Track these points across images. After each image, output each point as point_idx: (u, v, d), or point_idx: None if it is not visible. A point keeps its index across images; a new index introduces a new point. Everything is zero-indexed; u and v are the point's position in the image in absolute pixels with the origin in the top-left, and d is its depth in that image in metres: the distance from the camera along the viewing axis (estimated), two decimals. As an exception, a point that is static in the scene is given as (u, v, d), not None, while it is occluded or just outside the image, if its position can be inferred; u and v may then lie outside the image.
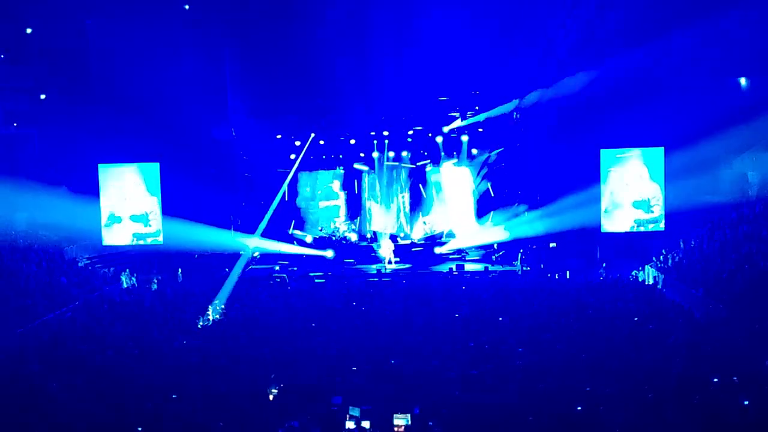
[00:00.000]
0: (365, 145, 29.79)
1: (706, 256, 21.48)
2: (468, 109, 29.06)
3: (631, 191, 25.28)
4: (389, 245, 27.46)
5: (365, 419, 11.15)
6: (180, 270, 25.45)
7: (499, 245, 27.74)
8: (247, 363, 14.04)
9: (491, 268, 26.14)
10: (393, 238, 28.42)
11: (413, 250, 28.44)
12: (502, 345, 14.90)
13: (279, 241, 28.38)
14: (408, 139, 29.71)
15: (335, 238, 29.21)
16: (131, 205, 25.81)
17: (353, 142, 29.74)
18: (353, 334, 16.30)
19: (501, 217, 28.71)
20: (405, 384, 12.77)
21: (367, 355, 14.53)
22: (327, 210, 30.43)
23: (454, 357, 14.29)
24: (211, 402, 11.88)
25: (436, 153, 29.62)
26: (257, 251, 28.09)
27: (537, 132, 28.05)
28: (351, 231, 29.63)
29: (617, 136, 25.81)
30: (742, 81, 25.94)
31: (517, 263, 25.99)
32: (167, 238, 25.88)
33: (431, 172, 29.95)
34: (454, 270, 25.62)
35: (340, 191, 30.33)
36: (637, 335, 15.39)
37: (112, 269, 24.42)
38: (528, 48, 26.67)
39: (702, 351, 13.87)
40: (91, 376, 13.24)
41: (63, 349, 15.11)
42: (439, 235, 29.13)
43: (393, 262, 27.19)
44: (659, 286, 21.83)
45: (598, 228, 25.60)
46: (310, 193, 30.32)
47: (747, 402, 11.07)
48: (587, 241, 26.21)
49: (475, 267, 26.71)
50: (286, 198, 29.44)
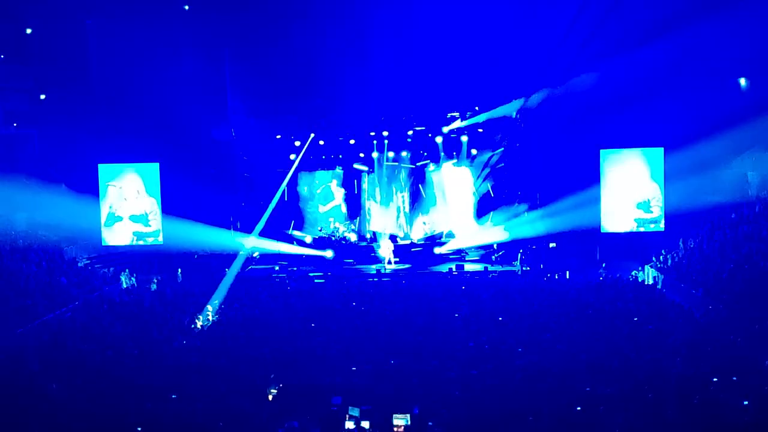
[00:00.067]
0: (365, 145, 29.75)
1: (706, 256, 21.48)
2: (468, 110, 29.05)
3: (631, 191, 25.32)
4: (389, 245, 27.44)
5: (365, 419, 11.15)
6: (180, 270, 25.44)
7: (499, 245, 27.71)
8: (247, 363, 14.03)
9: (491, 268, 26.13)
10: (392, 238, 28.40)
11: (413, 250, 28.41)
12: (502, 345, 14.91)
13: (278, 241, 28.36)
14: (408, 140, 29.69)
15: (335, 238, 29.19)
16: (131, 205, 25.85)
17: (353, 142, 29.69)
18: (353, 334, 16.30)
19: (501, 217, 28.70)
20: (405, 384, 12.77)
21: (367, 355, 14.53)
22: (326, 210, 30.40)
23: (454, 357, 14.29)
24: (211, 402, 11.88)
25: (435, 153, 29.61)
26: (256, 251, 28.07)
27: (537, 132, 28.04)
28: (350, 231, 29.59)
29: (617, 136, 25.85)
30: (742, 81, 25.94)
31: (517, 263, 25.98)
32: (167, 238, 25.93)
33: (431, 172, 29.93)
34: (453, 270, 25.62)
35: (339, 191, 30.30)
36: (637, 335, 15.39)
37: (111, 269, 24.40)
38: (528, 49, 26.65)
39: (702, 351, 13.87)
40: (91, 376, 13.23)
41: (63, 349, 15.10)
42: (439, 236, 29.11)
43: (393, 262, 27.18)
44: (659, 286, 21.84)
45: (598, 228, 25.64)
46: (309, 194, 30.27)
47: (747, 402, 11.08)
48: (587, 241, 26.21)
49: (475, 267, 26.71)
50: (285, 198, 29.44)
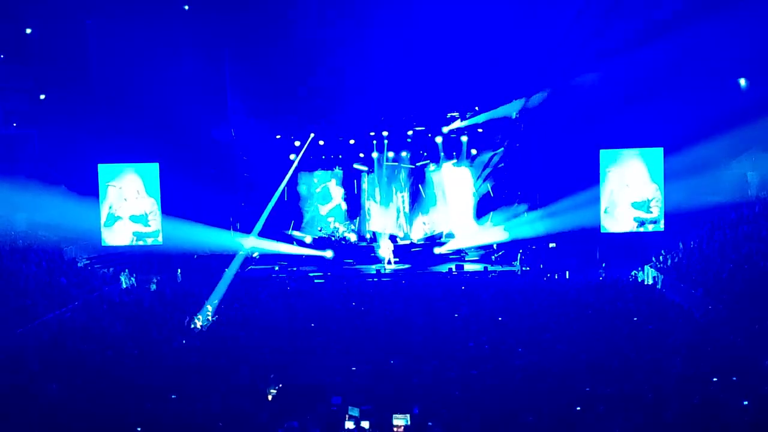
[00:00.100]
0: (365, 145, 29.76)
1: (705, 256, 21.48)
2: (468, 110, 29.04)
3: (631, 191, 25.32)
4: (389, 245, 27.44)
5: (365, 419, 11.13)
6: (179, 270, 25.42)
7: (499, 245, 27.72)
8: (247, 363, 14.03)
9: (491, 268, 26.13)
10: (392, 238, 28.40)
11: (413, 250, 28.41)
12: (502, 345, 14.90)
13: (278, 242, 28.35)
14: (408, 140, 29.69)
15: (334, 238, 29.18)
16: (131, 206, 25.83)
17: (353, 142, 29.70)
18: (353, 334, 16.30)
19: (500, 218, 28.70)
20: (405, 384, 12.76)
21: (367, 355, 14.53)
22: (326, 210, 30.38)
23: (454, 357, 14.28)
24: (211, 402, 11.87)
25: (435, 153, 29.60)
26: (256, 251, 28.06)
27: (537, 132, 28.04)
28: (350, 231, 29.59)
29: (617, 136, 25.84)
30: (742, 81, 25.94)
31: (517, 263, 25.97)
32: (167, 238, 25.89)
33: (431, 172, 29.93)
34: (453, 270, 25.61)
35: (339, 191, 30.29)
36: (637, 335, 15.39)
37: (111, 269, 24.38)
38: (529, 49, 26.65)
39: (702, 351, 13.87)
40: (91, 376, 13.22)
41: (63, 349, 15.09)
42: (439, 236, 29.10)
43: (392, 262, 27.18)
44: (659, 286, 21.83)
45: (597, 228, 25.62)
46: (309, 194, 30.27)
47: (747, 402, 11.08)
48: (587, 241, 26.20)
49: (475, 267, 26.71)
50: (285, 198, 29.43)
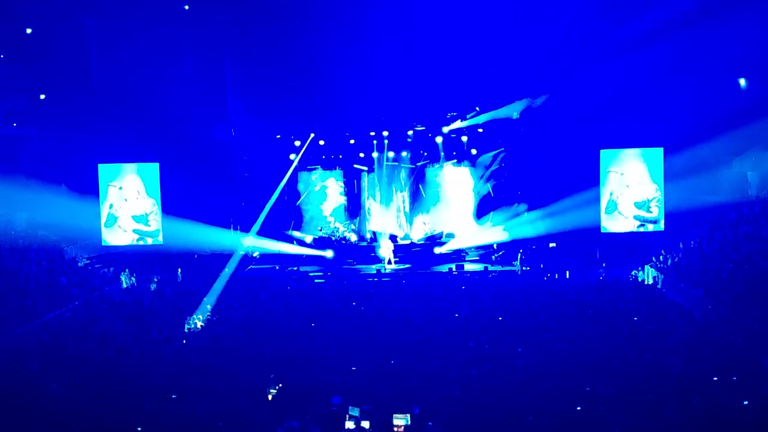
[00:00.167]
0: (365, 145, 29.75)
1: (705, 256, 21.48)
2: (468, 110, 29.04)
3: (631, 191, 25.32)
4: (389, 245, 27.44)
5: (365, 419, 11.12)
6: (180, 270, 25.44)
7: (499, 245, 27.73)
8: (247, 363, 14.02)
9: (491, 268, 26.13)
10: (392, 238, 28.40)
11: (413, 250, 28.41)
12: (502, 345, 14.90)
13: (278, 241, 28.36)
14: (408, 140, 29.69)
15: (335, 238, 29.18)
16: (131, 206, 25.84)
17: (353, 142, 29.71)
18: (353, 334, 16.29)
19: (501, 218, 28.70)
20: (405, 384, 12.75)
21: (367, 355, 14.51)
22: (326, 210, 30.39)
23: (453, 357, 14.27)
24: (211, 402, 11.87)
25: (435, 153, 29.61)
26: (256, 251, 28.06)
27: (537, 132, 28.05)
28: (350, 231, 29.59)
29: (617, 136, 25.85)
30: (742, 81, 25.94)
31: (517, 263, 25.98)
32: (167, 238, 25.91)
33: (431, 172, 29.94)
34: (453, 270, 25.62)
35: (339, 191, 30.29)
36: (637, 335, 15.38)
37: (111, 269, 24.39)
38: (529, 49, 26.66)
39: (702, 351, 13.86)
40: (91, 376, 13.23)
41: (63, 349, 15.09)
42: (439, 236, 29.09)
43: (392, 262, 27.18)
44: (659, 286, 21.83)
45: (597, 228, 25.63)
46: (309, 193, 30.29)
47: (747, 402, 11.08)
48: (587, 241, 26.22)
49: (475, 267, 26.72)
50: (285, 198, 29.44)
